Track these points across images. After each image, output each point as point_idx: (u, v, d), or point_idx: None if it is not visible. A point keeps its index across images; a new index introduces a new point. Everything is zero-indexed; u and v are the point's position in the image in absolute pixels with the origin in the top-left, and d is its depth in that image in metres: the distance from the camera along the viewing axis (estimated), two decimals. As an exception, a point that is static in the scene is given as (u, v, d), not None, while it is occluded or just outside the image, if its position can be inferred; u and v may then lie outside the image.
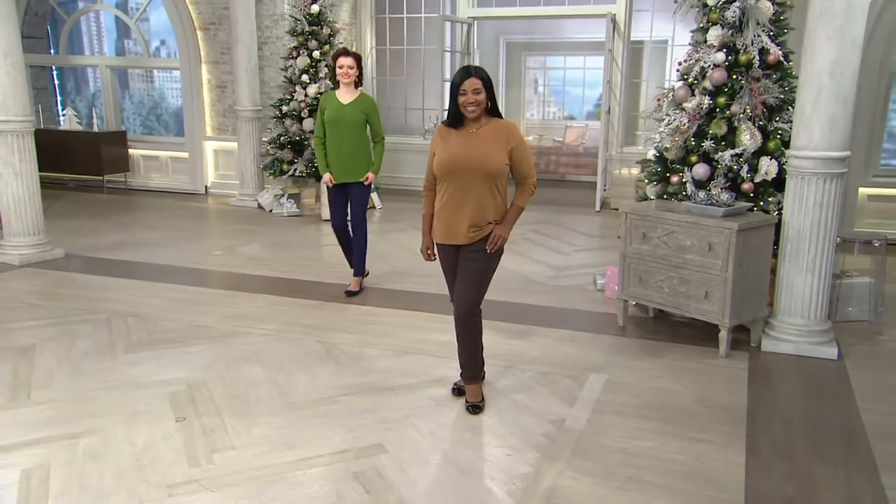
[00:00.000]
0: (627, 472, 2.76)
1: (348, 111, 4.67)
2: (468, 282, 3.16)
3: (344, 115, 4.66)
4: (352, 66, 4.66)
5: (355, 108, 4.68)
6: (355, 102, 4.70)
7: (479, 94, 2.99)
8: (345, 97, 4.71)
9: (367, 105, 4.73)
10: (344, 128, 4.66)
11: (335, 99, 4.73)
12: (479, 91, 2.99)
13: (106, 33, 10.70)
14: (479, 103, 3.00)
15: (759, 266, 3.94)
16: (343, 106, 4.68)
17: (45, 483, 2.62)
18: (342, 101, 4.70)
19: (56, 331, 4.19)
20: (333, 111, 4.68)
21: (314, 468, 2.75)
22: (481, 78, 3.00)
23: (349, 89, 4.72)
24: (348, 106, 4.68)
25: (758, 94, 4.15)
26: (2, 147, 5.39)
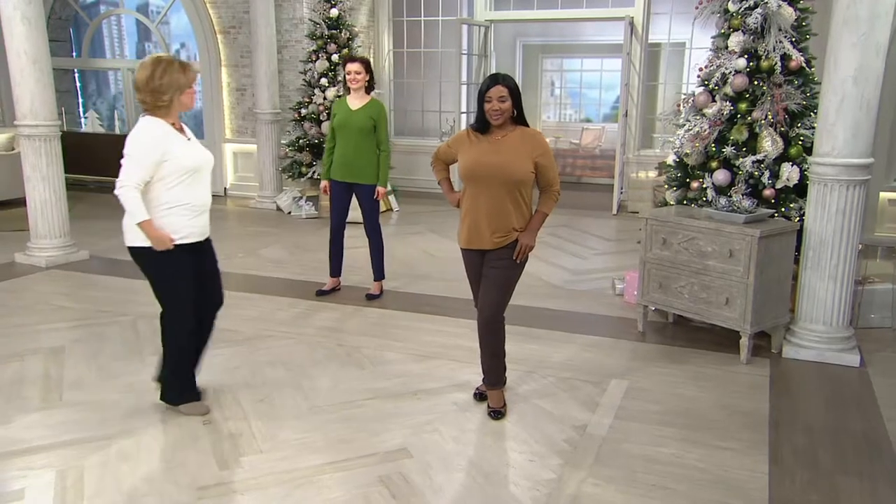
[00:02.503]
0: (650, 478, 2.77)
1: (356, 116, 4.72)
2: (492, 289, 3.19)
3: (352, 120, 4.71)
4: (359, 70, 4.71)
5: (363, 114, 4.72)
6: (364, 108, 4.75)
7: (504, 103, 3.03)
8: (354, 103, 4.77)
9: (375, 111, 4.76)
10: (351, 132, 4.72)
11: (345, 104, 4.80)
12: (505, 99, 3.02)
13: (127, 36, 10.84)
14: (504, 111, 3.04)
15: (780, 272, 3.93)
16: (352, 111, 4.74)
17: (79, 484, 2.69)
18: (351, 107, 4.77)
19: (84, 332, 4.27)
20: (342, 116, 4.75)
21: (340, 472, 2.79)
22: (508, 86, 3.03)
23: (359, 95, 4.77)
24: (357, 111, 4.74)
25: (780, 100, 4.14)
26: (30, 151, 5.50)
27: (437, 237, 7.04)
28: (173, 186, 3.00)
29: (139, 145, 2.93)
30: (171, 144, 2.97)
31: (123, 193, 2.94)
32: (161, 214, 3.00)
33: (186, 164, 3.01)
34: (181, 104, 3.04)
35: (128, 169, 2.93)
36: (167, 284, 3.13)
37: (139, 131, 2.97)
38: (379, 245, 4.94)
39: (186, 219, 3.06)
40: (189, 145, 3.08)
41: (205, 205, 3.15)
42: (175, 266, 3.08)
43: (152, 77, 2.94)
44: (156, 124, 2.98)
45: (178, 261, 3.07)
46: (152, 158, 2.93)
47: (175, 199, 3.01)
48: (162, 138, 2.96)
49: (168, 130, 3.00)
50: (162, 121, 3.00)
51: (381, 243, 4.95)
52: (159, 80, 2.94)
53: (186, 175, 3.02)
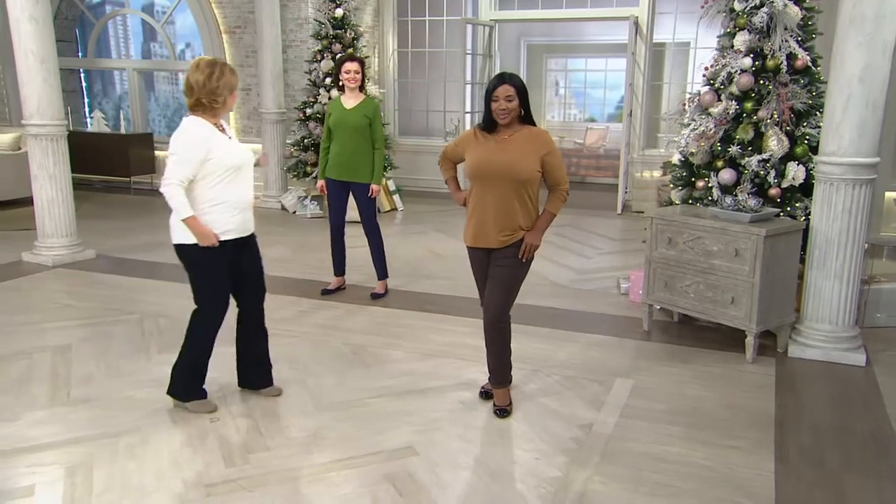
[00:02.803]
0: (656, 477, 2.78)
1: (351, 115, 4.74)
2: (498, 288, 3.19)
3: (347, 119, 4.73)
4: (357, 70, 4.73)
5: (358, 113, 4.74)
6: (359, 107, 4.77)
7: (511, 102, 3.03)
8: (349, 102, 4.79)
9: (369, 109, 4.78)
10: (346, 131, 4.74)
11: (340, 104, 4.82)
12: (512, 98, 3.03)
13: (132, 36, 10.90)
14: (511, 111, 3.05)
15: (786, 272, 3.93)
16: (346, 110, 4.76)
17: (88, 481, 2.70)
18: (346, 106, 4.79)
19: (91, 331, 4.29)
20: (337, 115, 4.77)
21: (347, 470, 2.80)
22: (515, 86, 3.04)
23: (354, 94, 4.79)
24: (351, 111, 4.76)
25: (785, 99, 4.14)
26: (37, 151, 5.53)
27: (442, 236, 7.05)
28: (216, 184, 3.06)
29: (184, 144, 3.01)
30: (214, 143, 3.04)
31: (169, 191, 3.00)
32: (205, 211, 3.07)
33: (229, 163, 3.08)
34: (229, 105, 3.13)
35: (173, 167, 3.00)
36: (207, 282, 3.19)
37: (184, 131, 3.04)
38: (378, 244, 4.95)
39: (229, 215, 3.13)
40: (231, 144, 3.15)
41: (247, 202, 3.22)
42: (218, 264, 3.16)
43: (210, 78, 3.01)
44: (200, 124, 3.05)
45: (221, 258, 3.14)
46: (197, 157, 2.99)
47: (218, 197, 3.08)
48: (206, 138, 3.02)
49: (211, 130, 3.07)
50: (205, 121, 3.07)
51: (380, 242, 4.96)
52: (216, 82, 3.02)
53: (229, 173, 3.09)
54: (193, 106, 3.07)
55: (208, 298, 3.22)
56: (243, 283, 3.31)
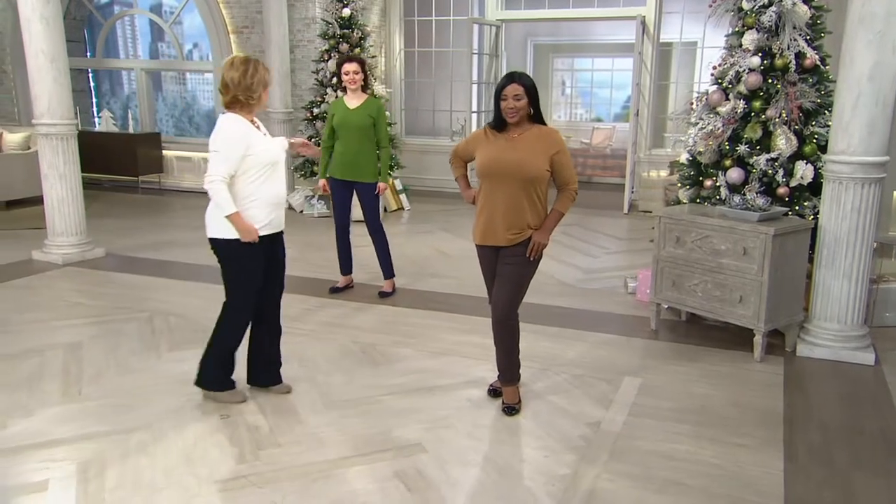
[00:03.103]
0: (665, 475, 2.78)
1: (355, 116, 4.72)
2: (506, 286, 3.20)
3: (350, 119, 4.72)
4: (357, 70, 4.70)
5: (362, 113, 4.73)
6: (362, 107, 4.75)
7: (520, 101, 3.05)
8: (352, 101, 4.77)
9: (373, 109, 4.77)
10: (350, 131, 4.72)
11: (343, 104, 4.80)
12: (520, 97, 3.04)
13: (140, 36, 10.96)
14: (519, 109, 3.06)
15: (794, 271, 3.93)
16: (350, 111, 4.74)
17: (101, 476, 2.72)
18: (349, 106, 4.76)
19: (101, 329, 4.32)
20: (340, 116, 4.75)
21: (357, 466, 2.81)
22: (523, 85, 3.05)
23: (357, 94, 4.77)
24: (355, 111, 4.74)
25: (794, 98, 4.13)
26: (47, 150, 5.57)
27: (448, 236, 7.07)
28: (254, 180, 3.11)
29: (225, 141, 3.05)
30: (252, 140, 3.09)
31: (213, 187, 3.05)
32: (245, 207, 3.12)
33: (267, 159, 3.13)
34: (263, 102, 3.17)
35: (216, 163, 3.05)
36: (241, 276, 3.23)
37: (224, 127, 3.08)
38: (383, 243, 4.94)
39: (266, 211, 3.18)
40: (267, 140, 3.19)
41: (281, 197, 3.28)
42: (254, 259, 3.20)
43: (245, 75, 3.06)
44: (237, 121, 3.09)
45: (257, 254, 3.19)
46: (238, 153, 3.04)
47: (255, 193, 3.12)
48: (244, 134, 3.07)
49: (248, 126, 3.11)
50: (241, 117, 3.11)
51: (384, 241, 4.95)
52: (251, 78, 3.07)
53: (266, 169, 3.13)
54: (230, 103, 3.12)
55: (240, 293, 3.27)
56: (266, 279, 3.35)
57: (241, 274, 3.23)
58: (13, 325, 4.36)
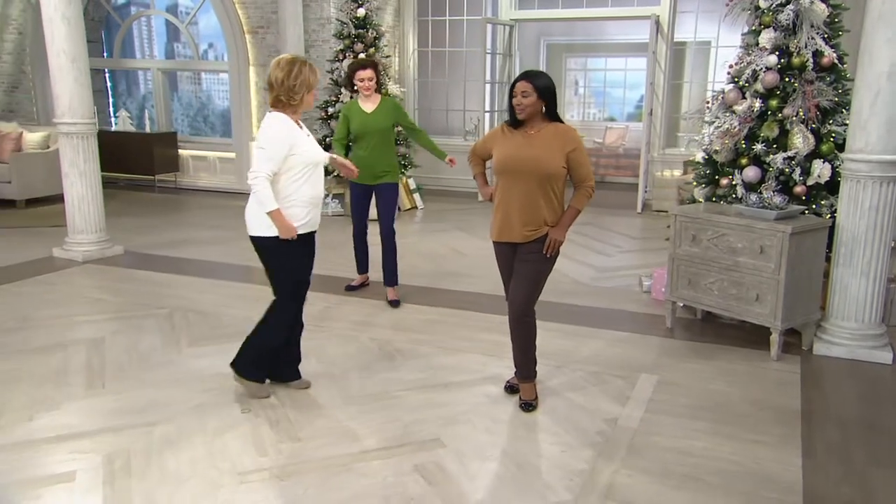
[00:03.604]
0: (683, 470, 2.80)
1: (373, 119, 4.65)
2: (523, 283, 3.23)
3: (370, 123, 4.64)
4: (371, 77, 4.60)
5: (380, 115, 4.66)
6: (380, 109, 4.68)
7: (527, 98, 3.08)
8: (367, 105, 4.69)
9: (391, 109, 4.70)
10: (371, 136, 4.65)
11: (358, 107, 4.69)
12: (528, 94, 3.07)
13: (156, 37, 11.07)
14: (526, 106, 3.09)
15: (811, 269, 3.93)
16: (367, 115, 4.66)
17: (126, 467, 2.77)
18: (366, 110, 4.67)
19: (122, 324, 4.39)
20: (359, 122, 4.65)
21: (376, 460, 2.84)
22: (532, 82, 3.08)
23: (370, 97, 4.70)
24: (373, 114, 4.66)
25: (811, 96, 4.13)
26: (68, 149, 5.65)
27: (463, 234, 7.10)
28: (296, 179, 3.16)
29: (271, 139, 3.10)
30: (297, 139, 3.14)
31: (256, 183, 3.10)
32: (286, 205, 3.16)
33: (309, 159, 3.18)
34: (307, 103, 3.21)
35: (260, 161, 3.10)
36: (282, 273, 3.29)
37: (270, 126, 3.13)
38: (394, 248, 4.84)
39: (305, 210, 3.23)
40: (309, 140, 3.24)
41: (320, 197, 3.32)
42: (295, 257, 3.26)
43: (288, 76, 3.11)
44: (282, 120, 3.14)
45: (297, 251, 3.24)
46: (282, 152, 3.09)
47: (296, 192, 3.17)
48: (290, 133, 3.12)
49: (294, 126, 3.16)
50: (286, 116, 3.16)
51: (395, 246, 4.85)
52: (294, 79, 3.11)
53: (308, 169, 3.18)
54: (274, 102, 3.18)
55: (285, 288, 3.32)
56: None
57: (282, 271, 3.28)
58: (37, 321, 4.44)
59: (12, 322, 4.41)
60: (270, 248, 3.22)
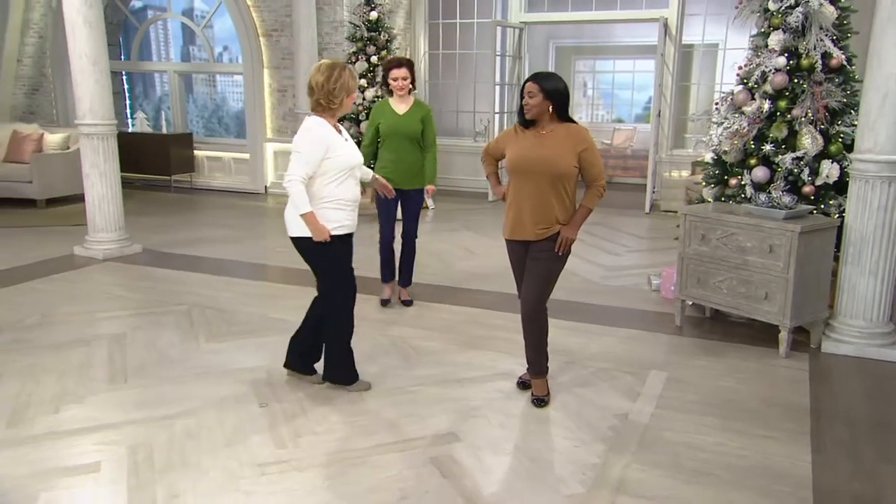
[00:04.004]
0: (694, 465, 2.84)
1: (405, 122, 4.49)
2: (535, 280, 3.29)
3: (401, 126, 4.48)
4: (405, 76, 4.44)
5: (413, 118, 4.50)
6: (412, 112, 4.52)
7: (533, 98, 3.14)
8: (399, 106, 4.52)
9: (424, 113, 4.56)
10: (400, 139, 4.49)
11: (389, 108, 4.53)
12: (534, 95, 3.14)
13: (173, 40, 11.22)
14: (532, 106, 3.15)
15: (820, 268, 3.97)
16: (399, 116, 4.50)
17: (149, 459, 2.84)
18: (398, 111, 4.51)
19: (142, 321, 4.48)
20: (389, 123, 4.49)
21: (392, 453, 2.90)
22: (538, 83, 3.14)
23: (404, 98, 4.54)
24: (405, 116, 4.50)
25: (820, 97, 4.17)
26: (89, 149, 5.77)
27: (473, 234, 7.17)
28: (330, 182, 3.23)
29: (307, 143, 3.16)
30: (333, 143, 3.20)
31: (291, 186, 3.17)
32: (321, 207, 3.23)
33: (345, 163, 3.24)
34: (346, 107, 3.28)
35: (296, 164, 3.17)
36: (327, 271, 3.37)
37: (307, 130, 3.19)
38: (413, 251, 4.80)
39: (341, 212, 3.29)
40: (346, 145, 3.29)
41: (356, 200, 3.38)
42: (333, 255, 3.33)
43: (328, 80, 3.17)
44: (320, 124, 3.21)
45: (335, 250, 3.31)
46: (318, 155, 3.15)
47: (332, 194, 3.24)
48: (327, 137, 3.18)
49: (330, 130, 3.22)
50: (325, 120, 3.23)
51: (414, 249, 4.81)
52: (334, 83, 3.18)
53: (343, 173, 3.25)
54: (314, 106, 3.25)
55: (330, 285, 3.40)
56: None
57: (325, 270, 3.36)
58: (59, 317, 4.54)
59: (36, 318, 4.51)
60: (308, 248, 3.29)
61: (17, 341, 4.11)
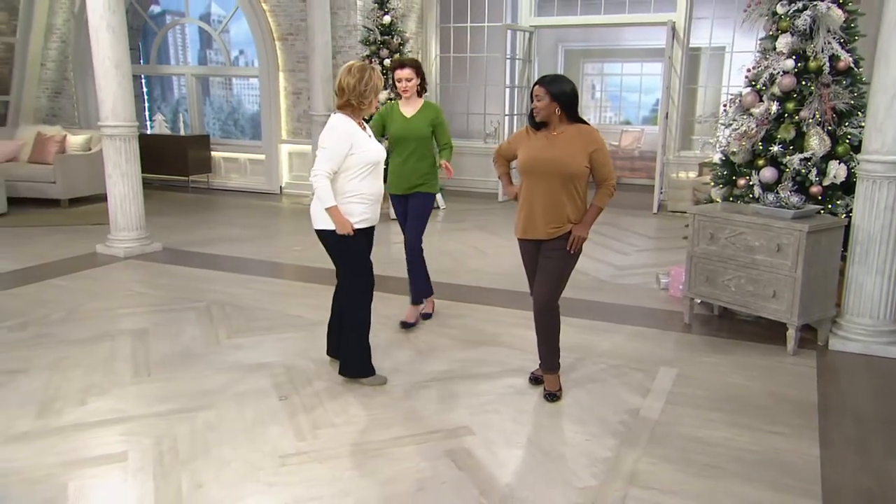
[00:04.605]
0: (704, 459, 2.89)
1: (415, 124, 4.26)
2: (547, 278, 3.35)
3: (410, 129, 4.25)
4: (410, 77, 4.21)
5: (422, 121, 4.27)
6: (421, 113, 4.29)
7: (540, 101, 3.22)
8: (408, 109, 4.30)
9: (434, 115, 4.32)
10: (409, 142, 4.26)
11: (398, 111, 4.30)
12: (540, 98, 3.22)
13: (190, 44, 11.39)
14: (539, 109, 3.23)
15: (827, 267, 4.02)
16: (408, 119, 4.27)
17: (174, 450, 2.93)
18: (406, 114, 4.28)
19: (164, 317, 4.59)
20: (399, 126, 4.26)
21: (408, 446, 2.97)
22: (544, 87, 3.21)
23: (412, 100, 4.31)
24: (414, 118, 4.27)
25: (828, 99, 4.23)
26: (111, 150, 5.90)
27: (484, 233, 7.25)
28: (354, 178, 3.35)
29: (333, 139, 3.30)
30: (357, 140, 3.32)
31: (316, 181, 3.30)
32: (344, 202, 3.35)
33: (369, 159, 3.36)
34: (374, 106, 3.41)
35: (321, 159, 3.31)
36: (349, 263, 3.49)
37: (333, 127, 3.32)
38: (421, 264, 4.43)
39: (364, 206, 3.41)
40: (371, 141, 3.42)
41: (379, 195, 3.49)
42: (356, 247, 3.45)
43: (360, 82, 3.31)
44: (346, 122, 3.34)
45: (358, 242, 3.43)
46: (343, 152, 3.28)
47: (355, 189, 3.36)
48: (351, 134, 3.31)
49: (355, 127, 3.35)
50: (351, 118, 3.36)
51: (423, 262, 4.44)
52: (365, 85, 3.33)
53: (367, 168, 3.37)
54: (342, 105, 3.38)
55: (353, 276, 3.51)
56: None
57: (348, 262, 3.48)
58: (84, 313, 4.66)
59: (61, 314, 4.64)
60: (332, 240, 3.42)
61: (43, 336, 4.23)
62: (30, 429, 3.09)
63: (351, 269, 3.50)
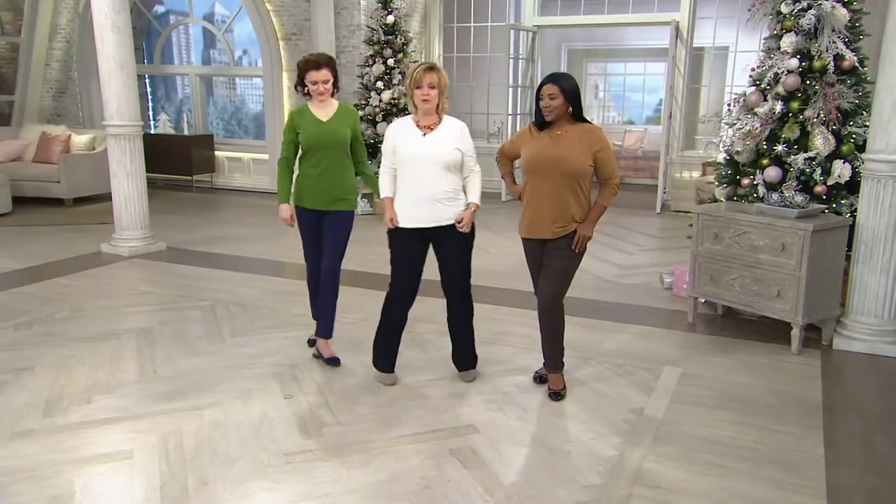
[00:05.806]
0: (709, 458, 2.90)
1: (330, 129, 3.71)
2: (552, 277, 3.36)
3: (324, 134, 3.70)
4: (326, 80, 3.66)
5: (340, 124, 3.74)
6: (338, 117, 3.75)
7: (555, 100, 3.20)
8: (320, 112, 3.73)
9: (352, 119, 3.81)
10: (327, 149, 3.72)
11: (310, 115, 3.73)
12: (555, 97, 3.20)
13: (194, 44, 11.41)
14: (553, 108, 3.21)
15: (831, 266, 4.03)
16: (322, 123, 3.71)
17: (180, 447, 2.94)
18: (320, 118, 3.72)
19: (168, 315, 4.61)
20: (311, 132, 3.68)
21: (413, 444, 2.98)
22: (559, 85, 3.20)
23: (326, 103, 3.75)
24: (329, 123, 3.72)
25: (832, 98, 4.23)
26: (116, 149, 5.92)
27: (487, 233, 7.23)
28: (400, 176, 3.45)
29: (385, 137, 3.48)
30: (400, 139, 3.40)
31: (379, 174, 3.52)
32: (395, 198, 3.47)
33: (403, 157, 3.40)
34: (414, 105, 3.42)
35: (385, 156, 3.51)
36: (391, 257, 3.54)
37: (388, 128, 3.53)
38: (334, 293, 3.86)
39: (406, 205, 3.42)
40: (415, 142, 3.36)
41: (422, 196, 3.35)
42: (402, 249, 3.49)
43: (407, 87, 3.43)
44: (397, 122, 3.48)
45: (401, 240, 3.47)
46: (389, 148, 3.43)
47: (400, 187, 3.45)
48: (396, 134, 3.42)
49: (404, 126, 3.43)
50: (407, 118, 3.47)
51: (336, 291, 3.87)
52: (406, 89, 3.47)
53: (405, 166, 3.40)
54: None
55: (392, 270, 3.56)
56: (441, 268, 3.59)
57: (391, 255, 3.53)
58: (89, 311, 4.68)
59: (66, 312, 4.66)
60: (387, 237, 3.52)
61: (49, 334, 4.25)
62: (36, 426, 3.11)
63: (392, 265, 3.56)
